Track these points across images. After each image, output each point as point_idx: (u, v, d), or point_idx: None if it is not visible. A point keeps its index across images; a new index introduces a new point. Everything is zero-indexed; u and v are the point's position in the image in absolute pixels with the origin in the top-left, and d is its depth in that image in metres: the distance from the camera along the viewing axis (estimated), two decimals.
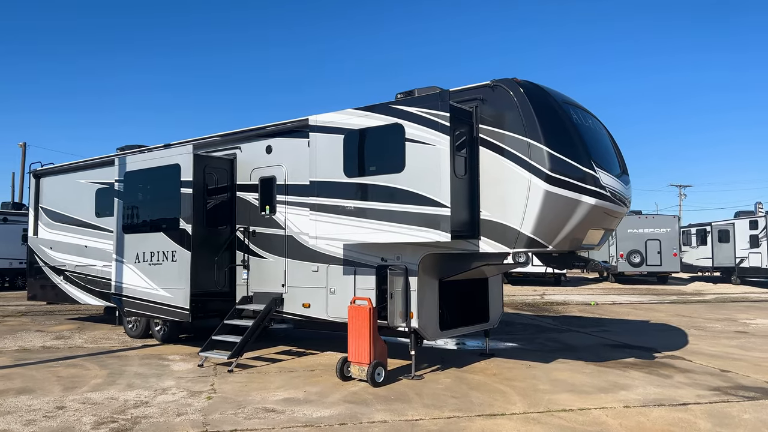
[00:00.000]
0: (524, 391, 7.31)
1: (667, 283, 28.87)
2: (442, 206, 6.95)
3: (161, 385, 7.71)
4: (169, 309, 9.64)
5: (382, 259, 8.26)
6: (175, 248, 9.54)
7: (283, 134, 9.51)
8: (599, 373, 8.38)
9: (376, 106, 7.75)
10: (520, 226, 7.08)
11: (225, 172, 10.15)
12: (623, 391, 7.38)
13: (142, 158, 10.43)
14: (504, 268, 8.93)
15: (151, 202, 10.26)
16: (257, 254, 9.72)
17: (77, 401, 6.86)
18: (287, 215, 9.37)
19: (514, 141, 7.19)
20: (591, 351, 10.25)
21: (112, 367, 8.81)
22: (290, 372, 8.52)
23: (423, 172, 7.13)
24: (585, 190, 7.11)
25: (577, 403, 6.76)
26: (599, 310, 17.53)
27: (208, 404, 6.73)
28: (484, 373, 8.42)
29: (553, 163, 6.97)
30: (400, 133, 7.36)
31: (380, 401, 6.85)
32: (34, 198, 14.30)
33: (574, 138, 7.25)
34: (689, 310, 17.58)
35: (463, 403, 6.78)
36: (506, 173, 7.21)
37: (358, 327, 7.73)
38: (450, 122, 6.96)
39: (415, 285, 7.91)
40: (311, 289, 9.02)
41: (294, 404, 6.74)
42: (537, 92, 7.35)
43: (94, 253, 12.64)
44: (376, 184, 7.59)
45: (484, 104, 7.45)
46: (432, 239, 7.05)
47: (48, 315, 15.87)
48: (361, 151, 7.79)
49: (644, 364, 9.14)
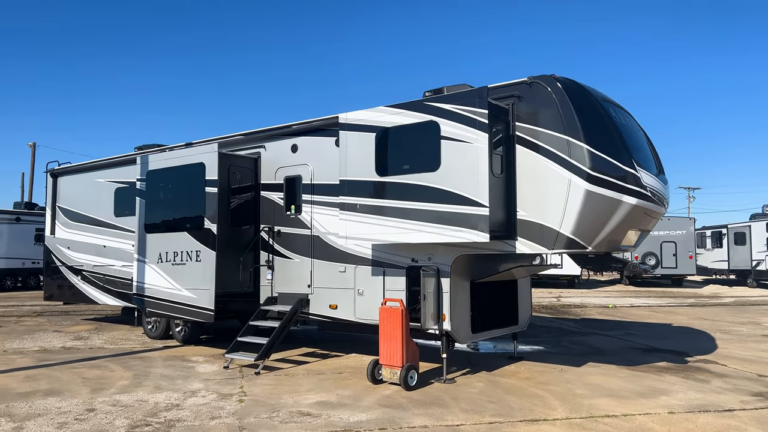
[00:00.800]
0: (562, 396, 7.12)
1: (682, 286, 28.57)
2: (480, 206, 6.78)
3: (189, 387, 7.56)
4: (192, 309, 9.49)
5: (413, 259, 8.09)
6: (200, 248, 9.39)
7: (310, 133, 9.36)
8: (635, 378, 8.19)
9: (409, 104, 7.59)
10: (560, 226, 6.89)
11: (249, 171, 10.01)
12: (664, 396, 7.19)
13: (164, 157, 10.30)
14: (535, 269, 8.77)
15: (175, 201, 10.11)
16: (282, 254, 9.57)
17: (107, 403, 6.71)
18: (313, 215, 9.21)
19: (552, 139, 7.01)
20: (620, 355, 10.05)
21: (137, 369, 8.67)
22: (318, 374, 8.35)
23: (460, 170, 6.96)
24: (626, 190, 6.93)
25: (620, 409, 6.57)
26: (618, 312, 17.31)
27: (240, 407, 6.58)
28: (517, 376, 8.24)
29: (594, 162, 6.79)
30: (436, 130, 7.19)
31: (416, 405, 6.67)
32: (51, 197, 14.21)
33: (615, 136, 7.07)
34: (710, 313, 17.32)
35: (502, 408, 6.60)
36: (544, 172, 7.03)
37: (390, 329, 7.56)
38: (488, 119, 6.79)
39: (447, 286, 7.74)
40: (338, 290, 8.86)
41: (328, 408, 6.57)
42: (576, 89, 7.17)
43: (112, 252, 12.52)
44: (409, 183, 7.43)
45: (520, 101, 7.28)
46: (469, 240, 6.87)
47: (64, 315, 15.77)
48: (394, 150, 7.63)
49: (678, 368, 8.94)
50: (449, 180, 7.05)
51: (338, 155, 8.66)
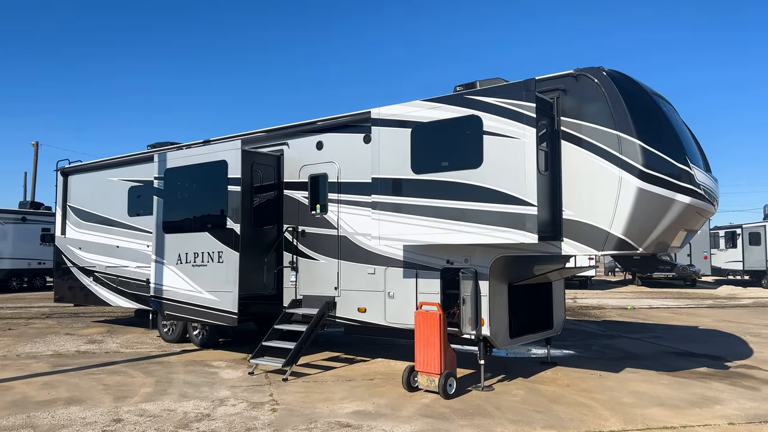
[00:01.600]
0: (610, 405, 6.76)
1: (696, 287, 28.20)
2: (528, 204, 6.42)
3: (216, 395, 7.20)
4: (214, 312, 9.13)
5: (448, 261, 7.73)
6: (222, 249, 9.03)
7: (336, 129, 9.00)
8: (679, 385, 7.82)
9: (448, 97, 7.22)
10: (610, 226, 6.53)
11: (271, 169, 9.65)
12: (717, 405, 6.82)
13: (184, 154, 9.94)
14: (573, 271, 8.43)
15: (195, 200, 9.75)
16: (307, 255, 9.21)
17: (133, 413, 6.36)
18: (340, 214, 8.85)
19: (601, 134, 6.65)
20: (655, 359, 9.69)
21: (158, 375, 8.31)
22: (348, 381, 8.00)
23: (504, 167, 6.60)
24: (680, 188, 6.57)
25: (675, 420, 6.21)
26: (639, 314, 16.94)
27: (275, 417, 6.22)
28: (556, 383, 7.88)
29: (647, 159, 6.42)
30: (477, 125, 6.83)
31: (460, 416, 6.31)
32: (61, 196, 13.85)
33: (668, 131, 6.72)
34: (732, 315, 16.95)
35: (550, 418, 6.24)
36: (593, 169, 6.67)
37: (426, 335, 7.20)
38: (536, 113, 6.43)
39: (486, 289, 7.38)
40: (367, 293, 8.50)
41: (367, 418, 6.21)
42: (626, 82, 6.81)
43: (126, 253, 12.17)
44: (448, 181, 7.06)
45: (566, 95, 6.92)
46: (516, 241, 6.51)
47: (73, 317, 15.43)
48: (432, 146, 7.27)
49: (721, 374, 8.57)
50: (493, 177, 6.68)
51: (368, 152, 8.34)
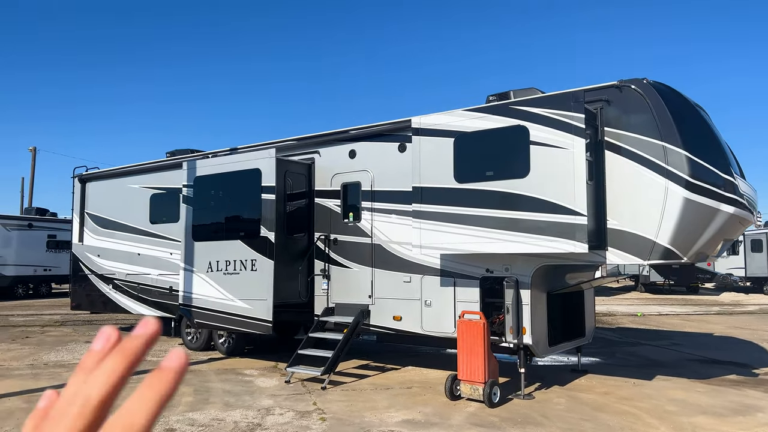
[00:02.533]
0: (655, 414, 6.81)
1: (698, 293, 28.39)
2: (578, 214, 6.48)
3: (260, 403, 7.20)
4: (247, 321, 9.12)
5: (488, 270, 7.78)
6: (256, 257, 9.04)
7: (370, 138, 9.04)
8: (716, 393, 7.89)
9: (492, 107, 7.29)
10: (656, 236, 6.60)
11: (303, 178, 9.68)
12: (759, 413, 6.90)
13: (214, 163, 9.95)
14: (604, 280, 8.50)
15: (227, 208, 9.75)
16: (339, 263, 9.23)
17: (183, 422, 6.34)
18: (374, 222, 8.88)
19: (646, 145, 6.73)
20: (683, 367, 9.76)
21: (194, 384, 8.29)
22: (387, 389, 8.01)
23: (552, 177, 6.67)
24: (724, 198, 6.65)
25: (723, 428, 6.28)
26: (650, 321, 17.04)
27: (327, 427, 6.23)
28: (594, 391, 7.93)
29: (693, 169, 6.51)
30: (524, 135, 6.90)
31: (510, 424, 6.35)
32: (79, 203, 13.79)
33: (711, 142, 6.82)
34: (742, 322, 17.09)
35: (600, 427, 6.28)
36: (638, 179, 6.75)
37: (470, 343, 7.23)
38: (585, 124, 6.51)
39: (527, 298, 7.44)
40: (403, 301, 8.53)
41: (418, 427, 6.24)
42: (671, 93, 6.91)
43: (148, 261, 12.13)
44: (493, 191, 7.12)
45: (609, 105, 7.00)
46: (566, 250, 6.56)
47: (88, 325, 15.33)
48: (476, 155, 7.33)
49: (752, 381, 8.66)
50: (540, 187, 6.75)
51: (402, 161, 8.42)
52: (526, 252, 6.97)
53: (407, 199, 8.47)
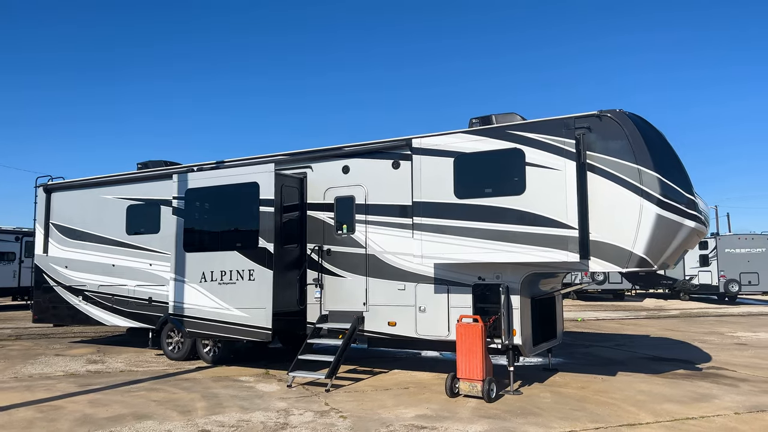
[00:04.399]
0: (632, 403, 7.76)
1: (623, 300, 30.61)
2: (570, 228, 7.37)
3: (275, 406, 7.60)
4: (245, 329, 9.44)
5: (480, 277, 8.55)
6: (253, 267, 9.39)
7: (363, 155, 9.64)
8: (673, 385, 8.98)
9: (490, 130, 8.10)
10: (633, 246, 7.58)
11: (295, 191, 10.13)
12: (715, 399, 8.00)
13: (208, 176, 10.21)
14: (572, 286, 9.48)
15: (221, 220, 10.05)
16: (333, 273, 9.74)
17: (212, 424, 6.68)
18: (368, 234, 9.47)
19: (623, 167, 7.71)
20: (637, 364, 10.90)
21: (198, 391, 8.54)
22: (386, 390, 8.58)
23: (546, 194, 7.53)
24: (687, 215, 7.73)
25: (691, 412, 7.29)
26: (592, 326, 18.44)
27: (351, 423, 6.74)
28: (571, 387, 8.83)
29: (664, 189, 7.55)
30: (520, 157, 7.74)
31: (513, 416, 7.10)
32: (44, 213, 13.52)
33: (677, 165, 7.89)
34: (671, 324, 18.82)
35: (590, 415, 7.14)
36: (616, 197, 7.71)
37: (468, 345, 7.95)
38: (576, 148, 7.41)
39: (517, 303, 8.25)
40: (397, 308, 9.15)
41: (433, 420, 6.87)
42: (642, 123, 7.94)
43: (124, 272, 12.13)
44: (491, 206, 7.91)
45: (590, 132, 7.95)
46: (560, 259, 7.42)
47: (45, 338, 14.91)
48: (475, 174, 8.10)
49: (699, 375, 9.86)
50: (535, 203, 7.59)
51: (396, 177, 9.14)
52: (524, 261, 7.78)
53: (401, 213, 9.14)
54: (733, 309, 25.37)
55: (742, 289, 27.91)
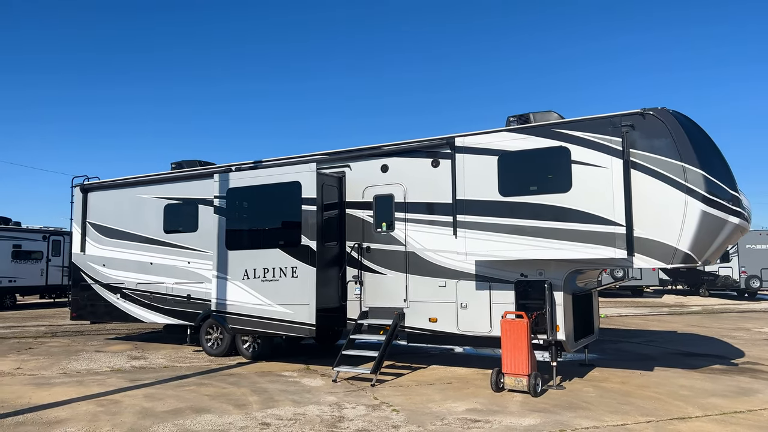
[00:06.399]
0: (677, 397, 7.87)
1: (642, 296, 30.60)
2: (617, 225, 7.48)
3: (325, 399, 7.77)
4: (288, 325, 9.63)
5: (522, 274, 8.67)
6: (296, 264, 9.57)
7: (402, 154, 9.79)
8: (713, 380, 9.08)
9: (534, 128, 8.22)
10: (677, 243, 7.68)
11: (334, 189, 10.29)
12: (759, 394, 8.09)
13: (248, 175, 10.39)
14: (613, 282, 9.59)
15: (263, 218, 10.24)
16: (372, 270, 9.90)
17: (273, 417, 6.86)
18: (408, 232, 9.62)
19: (667, 165, 7.80)
20: (671, 360, 10.99)
21: (246, 385, 8.73)
22: (430, 385, 8.74)
23: (593, 192, 7.65)
24: (731, 211, 7.81)
25: (738, 406, 7.39)
26: (616, 322, 18.52)
27: (406, 416, 6.90)
28: (611, 381, 8.95)
29: (709, 186, 7.64)
30: (566, 155, 7.86)
31: (561, 409, 7.23)
32: (81, 213, 13.78)
33: (722, 162, 7.97)
34: (696, 321, 18.86)
35: (638, 409, 7.26)
36: (660, 194, 7.80)
37: (514, 340, 8.08)
38: (621, 146, 7.52)
39: (560, 299, 8.38)
40: (438, 304, 9.30)
41: (485, 414, 7.01)
42: (686, 120, 8.03)
43: (162, 269, 12.36)
44: (537, 203, 8.03)
45: (633, 130, 8.04)
46: (607, 256, 7.55)
47: (79, 335, 15.19)
48: (519, 172, 8.23)
49: (735, 370, 9.94)
50: (582, 200, 7.71)
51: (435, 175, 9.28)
52: (571, 258, 7.91)
53: (441, 211, 9.28)
54: (754, 305, 25.32)
55: (763, 285, 27.84)
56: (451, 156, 9.03)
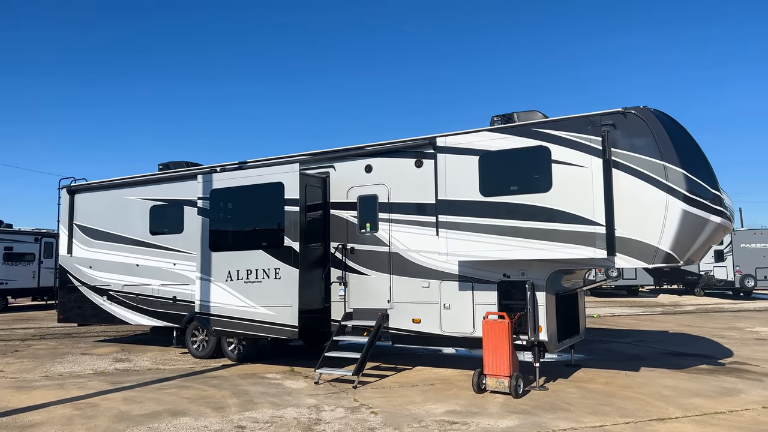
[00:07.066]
0: (659, 398, 7.82)
1: (637, 296, 30.56)
2: (597, 225, 7.43)
3: (305, 402, 7.71)
4: (271, 327, 9.56)
5: (504, 274, 8.62)
6: (279, 265, 9.51)
7: (386, 154, 9.73)
8: (698, 380, 9.03)
9: (514, 128, 8.17)
10: (659, 242, 7.62)
11: (318, 190, 10.23)
12: (742, 394, 8.04)
13: (232, 176, 10.33)
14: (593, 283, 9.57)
15: (247, 219, 10.19)
16: (356, 271, 9.84)
17: (248, 420, 6.80)
18: (392, 232, 9.56)
19: (648, 164, 7.75)
20: (658, 359, 10.93)
21: (227, 388, 8.67)
22: (413, 387, 8.68)
23: (573, 192, 7.59)
24: (713, 210, 7.76)
25: (719, 406, 7.34)
26: (608, 322, 18.47)
27: (383, 419, 6.84)
28: (595, 382, 8.89)
29: (690, 185, 7.59)
30: (546, 155, 7.80)
31: (541, 411, 7.17)
32: (67, 215, 13.71)
33: (703, 161, 7.92)
34: (688, 320, 18.80)
35: (619, 410, 7.20)
36: (642, 193, 7.75)
37: (495, 341, 8.03)
38: (602, 146, 7.47)
39: (543, 299, 8.32)
40: (422, 305, 9.24)
41: (464, 416, 6.95)
42: (667, 119, 7.98)
43: (148, 271, 12.29)
44: (518, 203, 7.98)
45: (615, 129, 7.98)
46: (587, 256, 7.49)
47: (68, 337, 15.13)
48: (500, 171, 8.17)
49: (722, 370, 9.89)
50: (562, 200, 7.66)
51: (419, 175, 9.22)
52: (551, 258, 7.85)
53: (425, 211, 9.23)
54: (749, 304, 25.28)
55: (758, 284, 27.80)
56: (434, 156, 8.98)
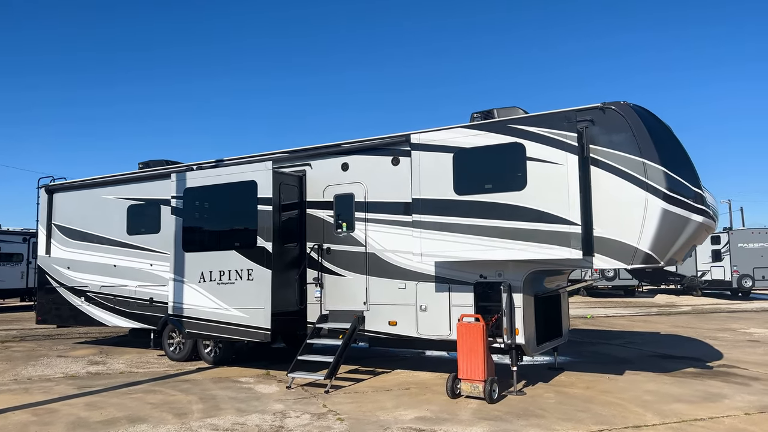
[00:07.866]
0: (637, 403, 7.55)
1: (634, 296, 30.25)
2: (572, 224, 7.16)
3: (272, 408, 7.46)
4: (243, 329, 9.31)
5: (481, 275, 8.35)
6: (252, 266, 9.26)
7: (362, 152, 9.47)
8: (682, 384, 8.75)
9: (489, 125, 7.89)
10: (638, 242, 7.35)
11: (294, 189, 9.98)
12: (725, 399, 7.76)
13: (205, 174, 10.09)
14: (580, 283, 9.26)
15: (220, 219, 9.94)
16: (333, 272, 9.58)
17: (206, 428, 6.54)
18: (368, 232, 9.31)
19: (627, 161, 7.48)
20: (645, 362, 10.66)
21: (195, 392, 8.42)
22: (387, 391, 8.42)
23: (548, 190, 7.32)
24: (694, 209, 7.49)
25: (700, 412, 7.06)
26: (601, 323, 18.18)
27: (348, 426, 6.58)
28: (576, 386, 8.62)
29: (670, 183, 7.31)
30: (521, 152, 7.53)
31: (513, 417, 6.91)
32: (46, 214, 13.48)
33: (684, 158, 7.65)
34: (683, 321, 18.51)
35: (594, 416, 6.94)
36: (620, 192, 7.48)
37: (470, 344, 7.76)
38: (578, 142, 7.20)
39: (519, 301, 8.06)
40: (398, 307, 8.98)
41: (432, 423, 6.69)
42: (647, 114, 7.71)
43: (125, 272, 12.05)
44: (492, 202, 7.71)
45: (593, 125, 7.72)
46: (562, 256, 7.22)
47: (49, 339, 14.90)
48: (474, 169, 7.90)
49: (709, 373, 9.61)
50: (537, 199, 7.38)
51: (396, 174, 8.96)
52: (525, 258, 7.58)
53: (401, 210, 8.96)
54: (746, 305, 24.98)
55: (755, 284, 27.49)
56: (409, 153, 8.71)
